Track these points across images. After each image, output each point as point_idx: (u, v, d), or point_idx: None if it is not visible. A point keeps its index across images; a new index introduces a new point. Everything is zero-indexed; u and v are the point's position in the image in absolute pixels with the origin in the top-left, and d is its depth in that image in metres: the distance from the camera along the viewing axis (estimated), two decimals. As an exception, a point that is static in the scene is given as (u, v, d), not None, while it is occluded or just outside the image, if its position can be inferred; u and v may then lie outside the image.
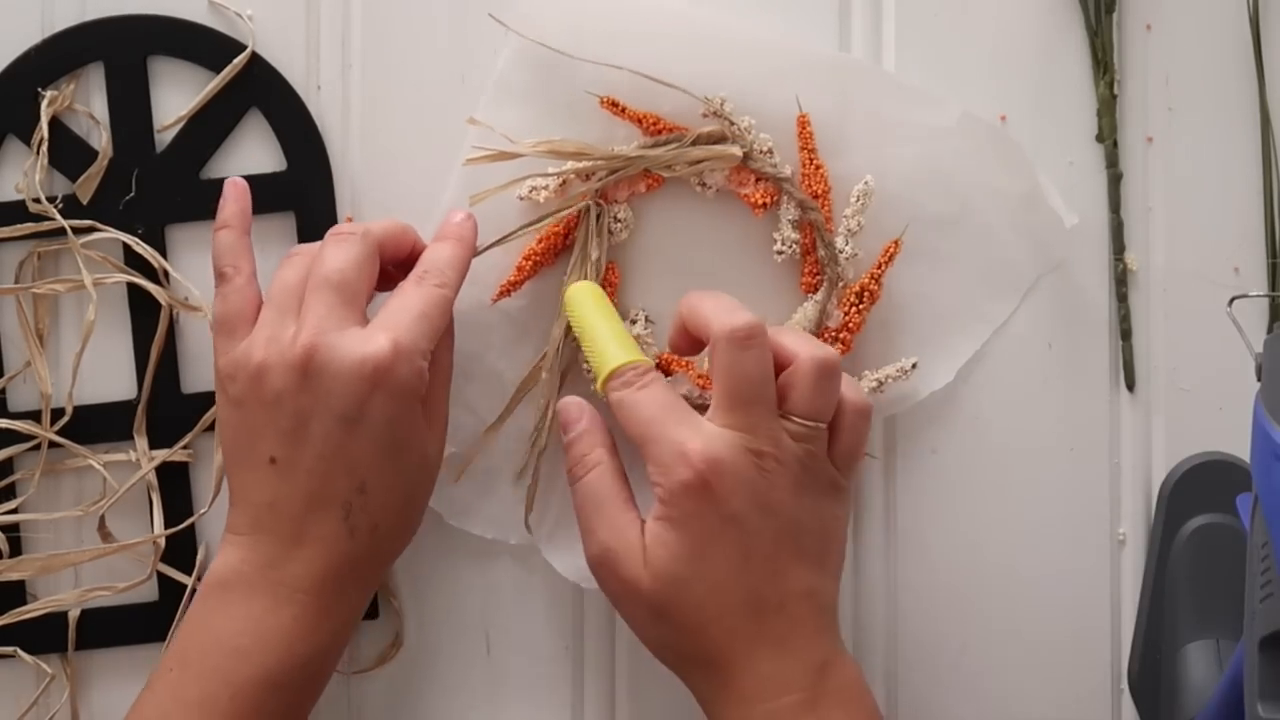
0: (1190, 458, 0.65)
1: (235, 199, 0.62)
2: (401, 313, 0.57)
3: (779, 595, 0.56)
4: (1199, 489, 0.64)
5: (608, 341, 0.59)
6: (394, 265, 0.61)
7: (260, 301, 0.60)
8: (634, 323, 0.64)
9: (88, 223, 0.65)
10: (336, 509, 0.56)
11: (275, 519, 0.57)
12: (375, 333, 0.56)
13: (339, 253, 0.58)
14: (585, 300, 0.61)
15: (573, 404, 0.60)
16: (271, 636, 0.56)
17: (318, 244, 0.60)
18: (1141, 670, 0.65)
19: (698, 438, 0.56)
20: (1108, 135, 0.65)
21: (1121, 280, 0.65)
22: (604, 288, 0.63)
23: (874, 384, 0.63)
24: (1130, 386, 0.66)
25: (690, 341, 0.60)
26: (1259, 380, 0.53)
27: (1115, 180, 0.65)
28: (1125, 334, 0.66)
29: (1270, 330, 0.65)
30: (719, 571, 0.55)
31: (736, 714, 0.56)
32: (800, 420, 0.57)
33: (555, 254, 0.64)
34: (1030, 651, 0.66)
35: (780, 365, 0.57)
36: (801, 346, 0.57)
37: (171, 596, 0.66)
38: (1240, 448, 0.62)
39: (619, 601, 0.58)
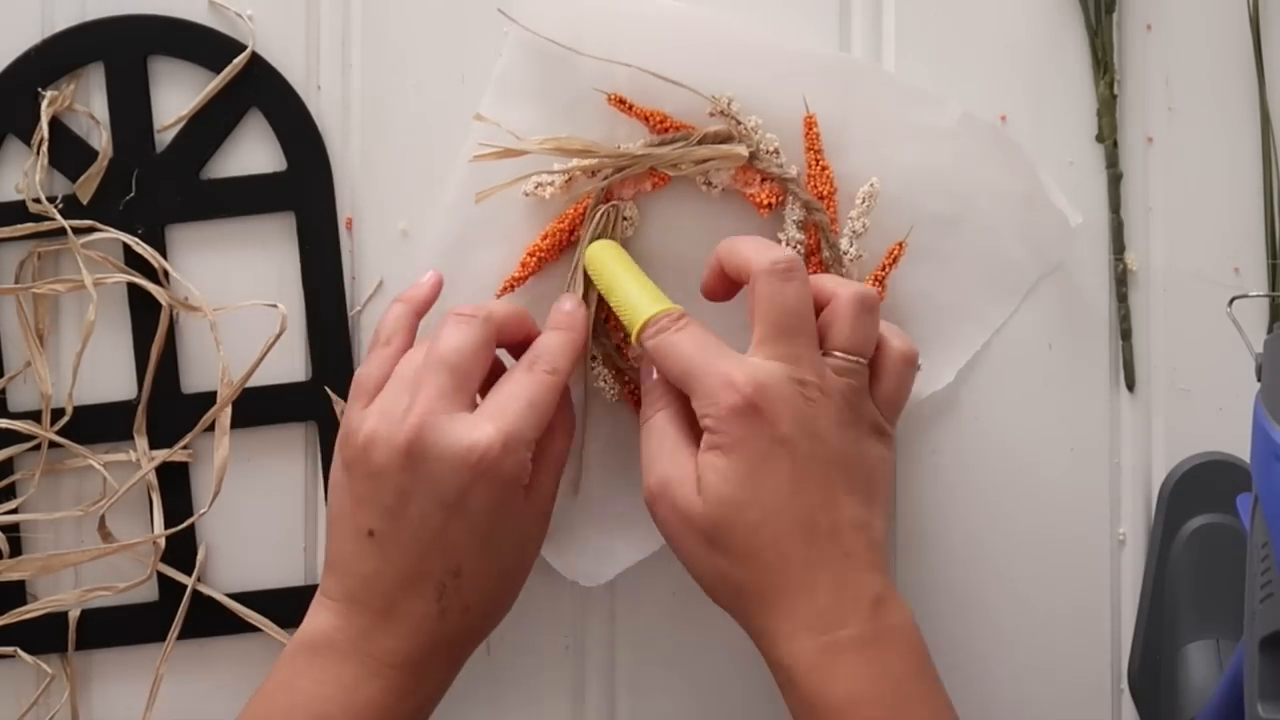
0: (1190, 458, 0.65)
1: (429, 287, 0.62)
2: (510, 401, 0.57)
3: (831, 522, 0.56)
4: (1199, 489, 0.64)
5: (637, 294, 0.60)
6: (510, 349, 0.62)
7: None
8: None
9: (88, 223, 0.65)
10: (430, 589, 0.57)
11: (369, 592, 0.57)
12: (483, 422, 0.56)
13: (457, 335, 0.58)
14: (606, 258, 0.62)
15: (645, 360, 0.61)
16: (358, 707, 0.56)
17: (407, 306, 0.61)
18: (1141, 670, 0.65)
19: (743, 366, 0.56)
20: (1108, 135, 0.65)
21: (1121, 280, 0.65)
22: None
23: None
24: (1130, 386, 0.66)
25: (724, 284, 0.60)
26: (1259, 380, 0.53)
27: (1115, 180, 0.65)
28: (1125, 334, 0.66)
29: (1270, 330, 0.65)
30: (772, 494, 0.55)
31: (794, 647, 0.55)
32: (842, 355, 0.57)
33: (559, 250, 0.64)
34: (1030, 651, 0.66)
35: (819, 306, 0.58)
36: (839, 285, 0.58)
37: (171, 596, 0.66)
38: (1240, 448, 0.62)
39: (674, 534, 0.57)
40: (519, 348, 0.61)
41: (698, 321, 0.59)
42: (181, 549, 0.66)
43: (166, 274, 0.65)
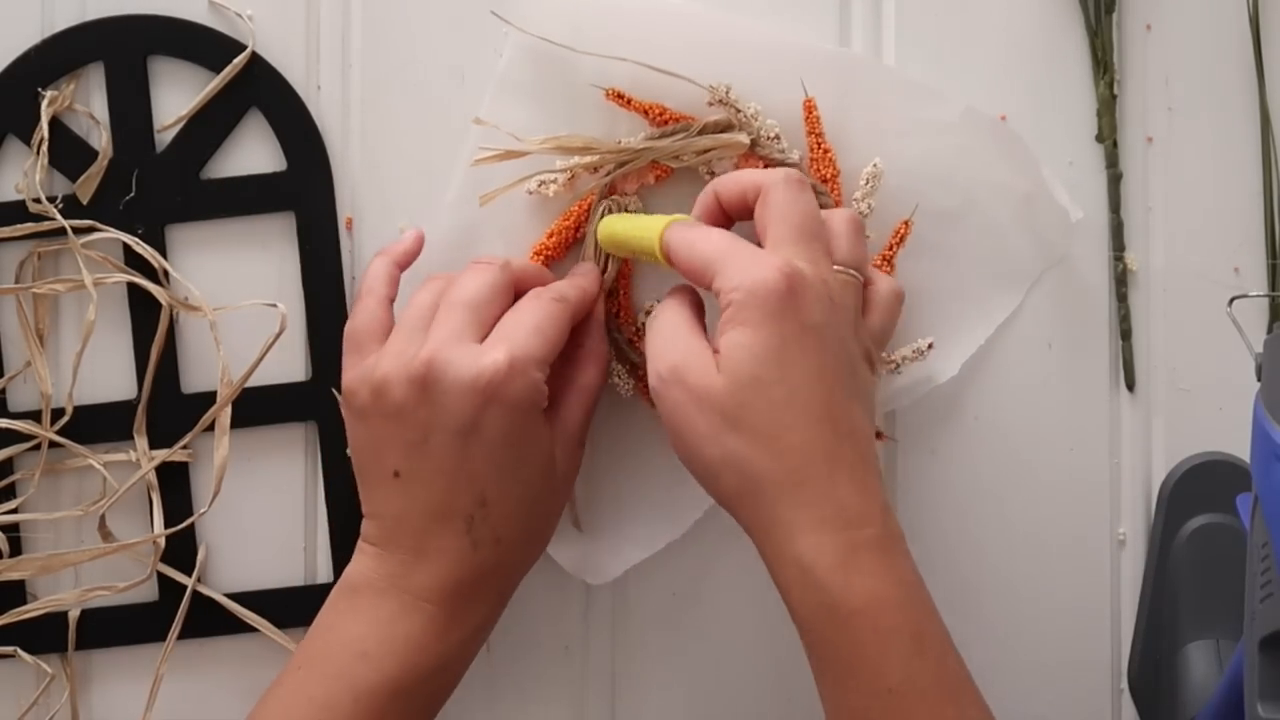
0: (1190, 458, 0.65)
1: (411, 241, 0.63)
2: (515, 326, 0.57)
3: (848, 420, 0.55)
4: (1199, 489, 0.64)
5: (649, 220, 0.60)
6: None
7: (390, 326, 0.60)
8: (648, 313, 0.64)
9: (87, 223, 0.65)
10: (459, 521, 0.57)
11: (401, 531, 0.57)
12: (489, 347, 0.56)
13: (475, 277, 0.59)
14: (614, 224, 0.62)
15: None
16: (397, 643, 0.57)
17: (456, 273, 0.60)
18: (1141, 670, 0.65)
19: (777, 254, 0.55)
20: (1108, 135, 0.65)
21: (1121, 280, 0.65)
22: (617, 279, 0.64)
23: (891, 365, 0.63)
24: (1130, 386, 0.66)
25: (717, 216, 0.59)
26: (1259, 380, 0.53)
27: (1115, 180, 0.65)
28: (1125, 334, 0.66)
29: (1270, 330, 0.65)
30: (799, 376, 0.54)
31: (815, 541, 0.53)
32: (842, 268, 0.57)
33: (566, 248, 0.64)
34: (1030, 651, 0.66)
35: None
36: (829, 211, 0.59)
37: (171, 596, 0.66)
38: (1240, 448, 0.62)
39: (686, 418, 0.55)
40: None
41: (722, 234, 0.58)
42: (181, 549, 0.66)
43: (166, 274, 0.65)
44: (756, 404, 0.54)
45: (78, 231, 0.65)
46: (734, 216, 0.59)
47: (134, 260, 0.66)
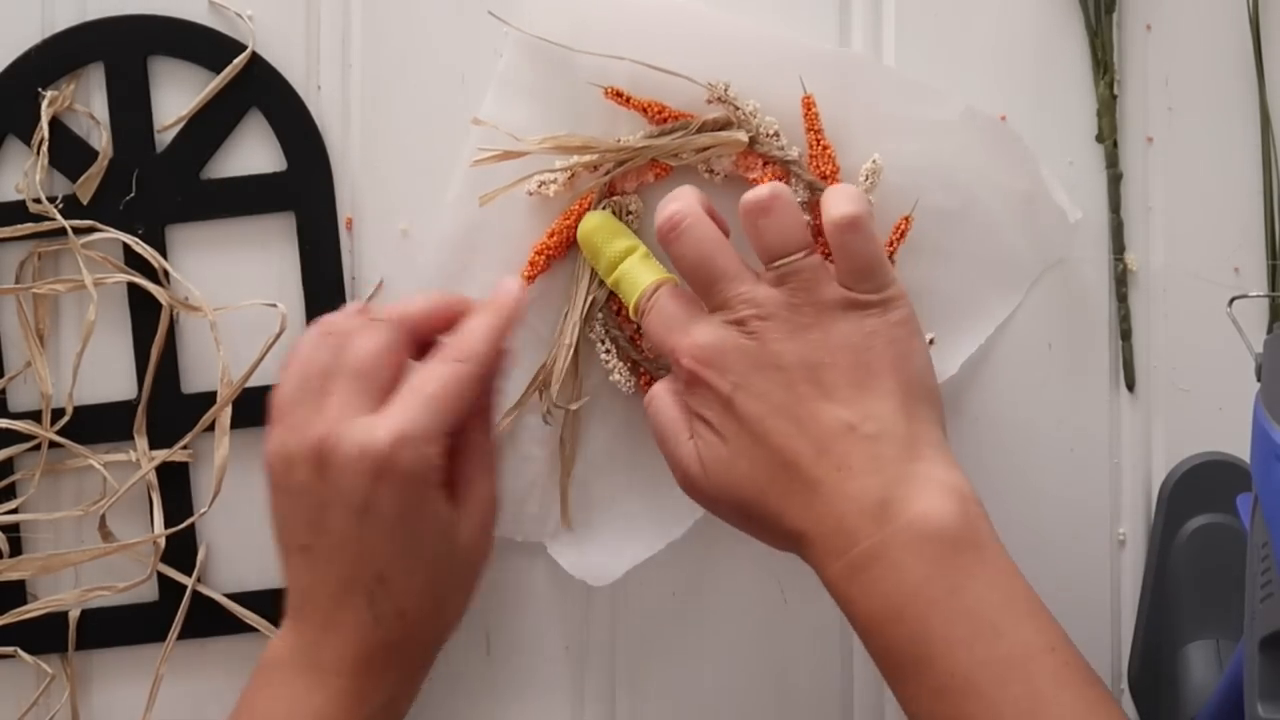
0: (1190, 458, 0.65)
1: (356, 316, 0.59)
2: (408, 396, 0.55)
3: (811, 443, 0.55)
4: (1199, 489, 0.64)
5: (634, 276, 0.61)
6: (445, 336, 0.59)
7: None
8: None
9: (88, 223, 0.65)
10: (361, 597, 0.56)
11: (310, 604, 0.57)
12: (380, 421, 0.54)
13: (365, 341, 0.56)
14: (596, 240, 0.62)
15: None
16: (307, 718, 0.56)
17: (347, 321, 0.57)
18: (1141, 670, 0.65)
19: (685, 336, 0.57)
20: (1108, 135, 0.65)
21: (1121, 280, 0.65)
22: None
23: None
24: (1130, 386, 0.66)
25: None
26: (1259, 380, 0.53)
27: (1115, 180, 0.65)
28: (1125, 334, 0.65)
29: (1270, 330, 0.65)
30: (743, 444, 0.55)
31: (826, 576, 0.55)
32: (770, 265, 0.57)
33: (567, 248, 0.64)
34: (1030, 651, 0.66)
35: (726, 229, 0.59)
36: (744, 200, 0.57)
37: (171, 596, 0.66)
38: (1240, 448, 0.62)
39: (713, 511, 0.58)
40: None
41: (665, 292, 0.59)
42: (181, 549, 0.66)
43: (167, 274, 0.65)
44: (731, 488, 0.56)
45: (78, 232, 0.65)
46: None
47: (134, 260, 0.66)
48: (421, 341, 0.58)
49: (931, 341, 0.64)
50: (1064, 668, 0.53)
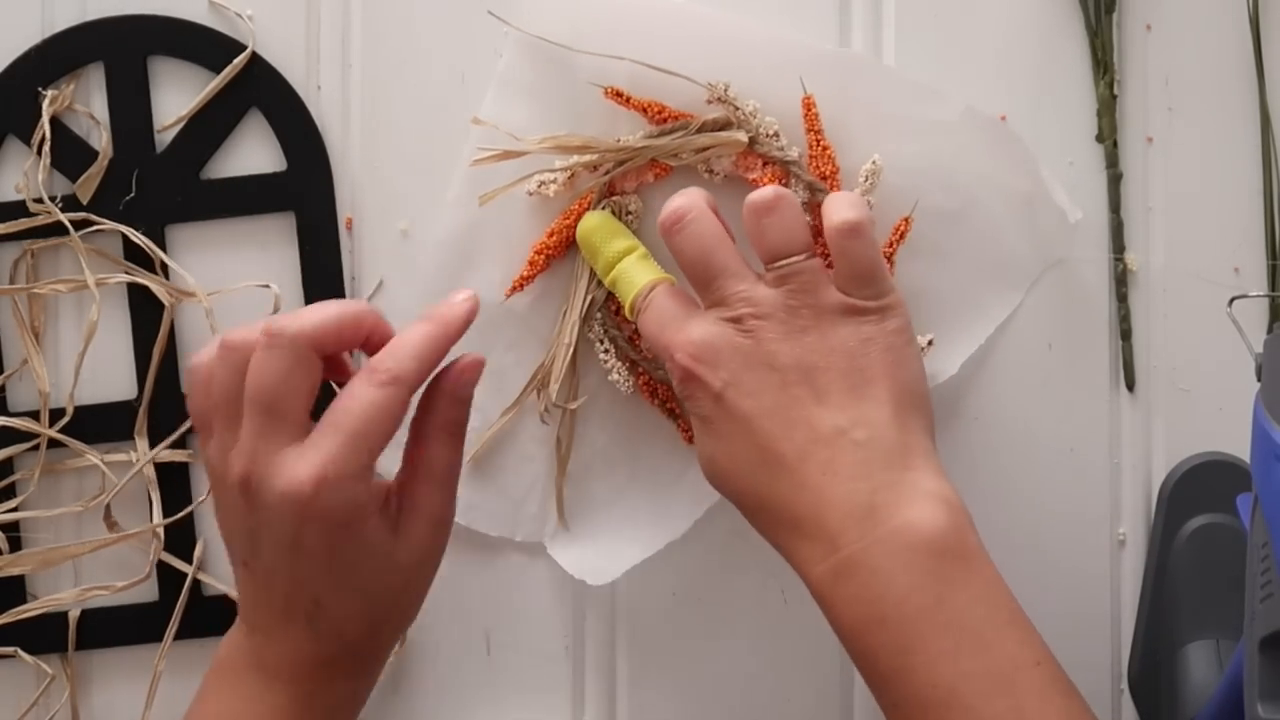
0: (1190, 458, 0.65)
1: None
2: (334, 428, 0.52)
3: (797, 446, 0.55)
4: (1199, 489, 0.64)
5: (631, 276, 0.61)
6: (367, 350, 0.56)
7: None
8: None
9: (83, 215, 0.65)
10: (300, 615, 0.55)
11: (256, 613, 0.56)
12: (302, 459, 0.52)
13: (267, 367, 0.52)
14: (594, 240, 0.62)
15: None
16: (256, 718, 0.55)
17: (247, 336, 0.53)
18: (1141, 670, 0.65)
19: (680, 332, 0.57)
20: (1108, 135, 0.65)
21: (1121, 280, 0.65)
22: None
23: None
24: (1130, 386, 0.66)
25: None
26: (1259, 380, 0.53)
27: (1115, 180, 0.65)
28: (1125, 334, 0.65)
29: (1270, 330, 0.65)
30: (729, 441, 0.56)
31: (810, 578, 0.55)
32: (771, 265, 0.57)
33: (566, 247, 0.64)
34: (1030, 651, 0.66)
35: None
36: (748, 200, 0.57)
37: (170, 596, 0.66)
38: (1240, 448, 0.62)
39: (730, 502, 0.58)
40: (371, 347, 0.55)
41: (661, 290, 0.59)
42: (180, 549, 0.66)
43: (165, 268, 0.65)
44: (719, 481, 0.57)
45: (76, 225, 0.65)
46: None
47: (133, 259, 0.66)
48: (333, 357, 0.55)
49: (930, 343, 0.64)
50: (1049, 683, 0.53)
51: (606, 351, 0.64)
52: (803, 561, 0.55)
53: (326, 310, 0.54)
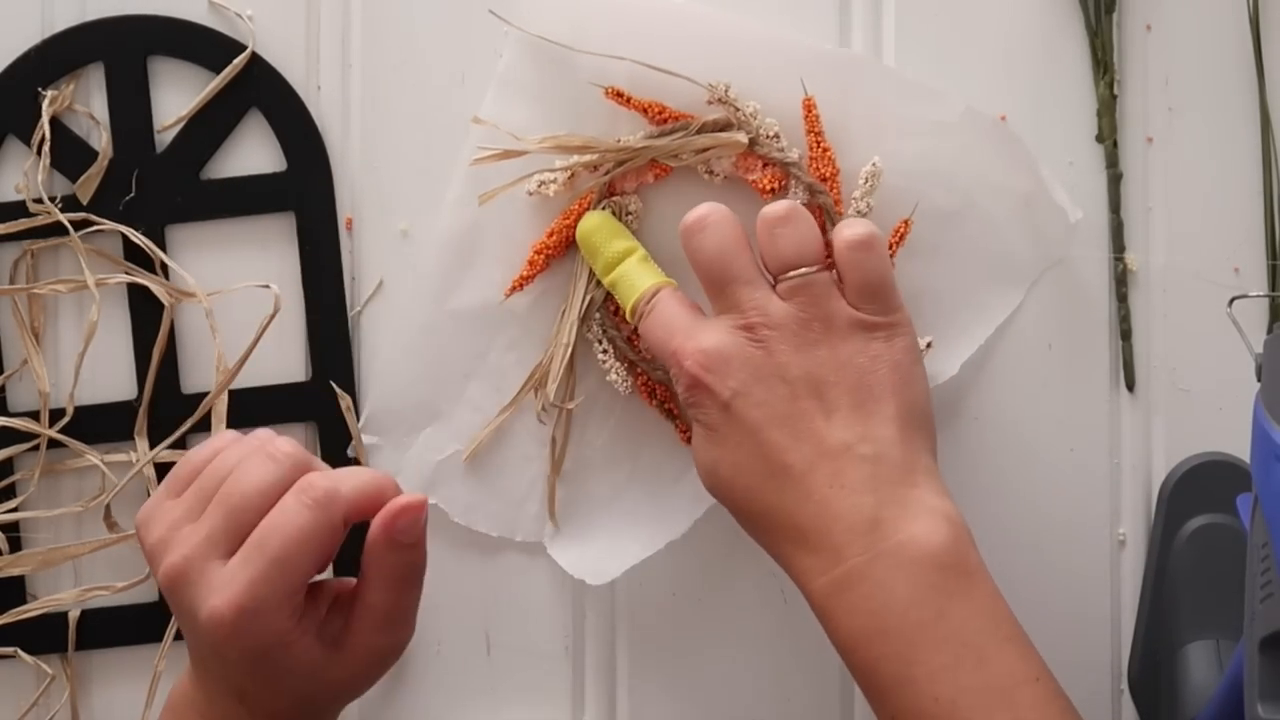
0: (1190, 458, 0.65)
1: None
2: (258, 555, 0.52)
3: (804, 458, 0.55)
4: (1199, 489, 0.64)
5: (631, 279, 0.61)
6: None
7: None
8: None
9: (83, 215, 0.65)
10: (233, 695, 0.55)
11: (198, 672, 0.56)
12: (225, 587, 0.52)
13: (254, 472, 0.53)
14: (595, 241, 0.62)
15: None
16: None
17: (253, 443, 0.55)
18: (1141, 670, 0.65)
19: (689, 340, 0.56)
20: (1108, 135, 0.65)
21: (1121, 280, 0.65)
22: None
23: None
24: (1130, 386, 0.66)
25: None
26: (1259, 380, 0.53)
27: (1115, 180, 0.65)
28: (1125, 334, 0.65)
29: (1270, 330, 0.65)
30: (733, 450, 0.56)
31: (809, 590, 0.55)
32: (782, 277, 0.57)
33: (566, 247, 0.64)
34: (1030, 652, 0.66)
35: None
36: (762, 214, 0.57)
37: (171, 596, 0.66)
38: (1240, 448, 0.62)
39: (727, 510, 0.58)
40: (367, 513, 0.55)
41: (665, 295, 0.59)
42: (181, 549, 0.66)
43: (165, 268, 0.65)
44: (720, 491, 0.57)
45: (76, 225, 0.65)
46: None
47: (133, 260, 0.66)
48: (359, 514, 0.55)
49: (929, 346, 0.63)
50: (1048, 699, 0.53)
51: (605, 352, 0.64)
52: (803, 573, 0.55)
53: (358, 476, 0.54)
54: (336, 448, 0.65)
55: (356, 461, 0.66)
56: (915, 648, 0.52)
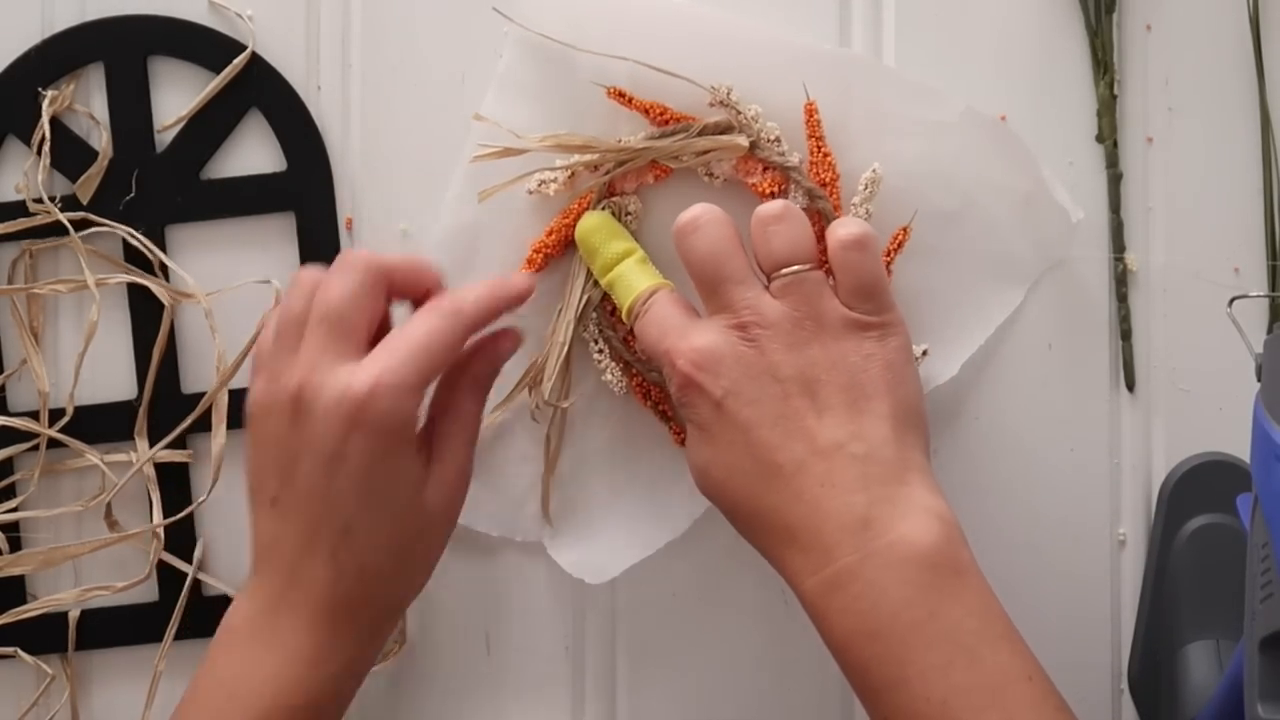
0: (1190, 458, 0.65)
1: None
2: (394, 345, 0.55)
3: (795, 458, 0.55)
4: (1199, 489, 0.64)
5: (628, 280, 0.61)
6: (413, 302, 0.59)
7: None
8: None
9: (82, 215, 0.65)
10: (324, 550, 0.55)
11: (274, 561, 0.56)
12: (359, 368, 0.54)
13: (337, 284, 0.56)
14: (594, 241, 0.62)
15: None
16: (260, 682, 0.55)
17: (323, 271, 0.58)
18: (1141, 670, 0.65)
19: (682, 339, 0.56)
20: (1108, 135, 0.65)
21: (1121, 280, 0.65)
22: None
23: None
24: (1130, 386, 0.66)
25: None
26: (1259, 380, 0.53)
27: (1115, 180, 0.65)
28: (1125, 334, 0.65)
29: (1270, 330, 0.65)
30: (725, 450, 0.55)
31: (800, 591, 0.54)
32: (775, 275, 0.56)
33: (565, 246, 0.64)
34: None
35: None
36: (757, 213, 0.57)
37: (171, 597, 0.66)
38: (1240, 448, 0.62)
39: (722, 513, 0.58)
40: (422, 303, 0.58)
41: (661, 296, 0.59)
42: (181, 549, 0.66)
43: (165, 268, 0.65)
44: (712, 490, 0.57)
45: (76, 225, 0.65)
46: None
47: (132, 260, 0.66)
48: (396, 297, 0.59)
49: (925, 354, 0.63)
50: (1041, 697, 0.53)
51: (601, 352, 0.64)
52: (795, 573, 0.55)
53: (403, 256, 0.59)
54: (336, 448, 0.65)
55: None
56: (907, 648, 0.52)
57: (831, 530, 0.54)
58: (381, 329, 0.58)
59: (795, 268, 0.56)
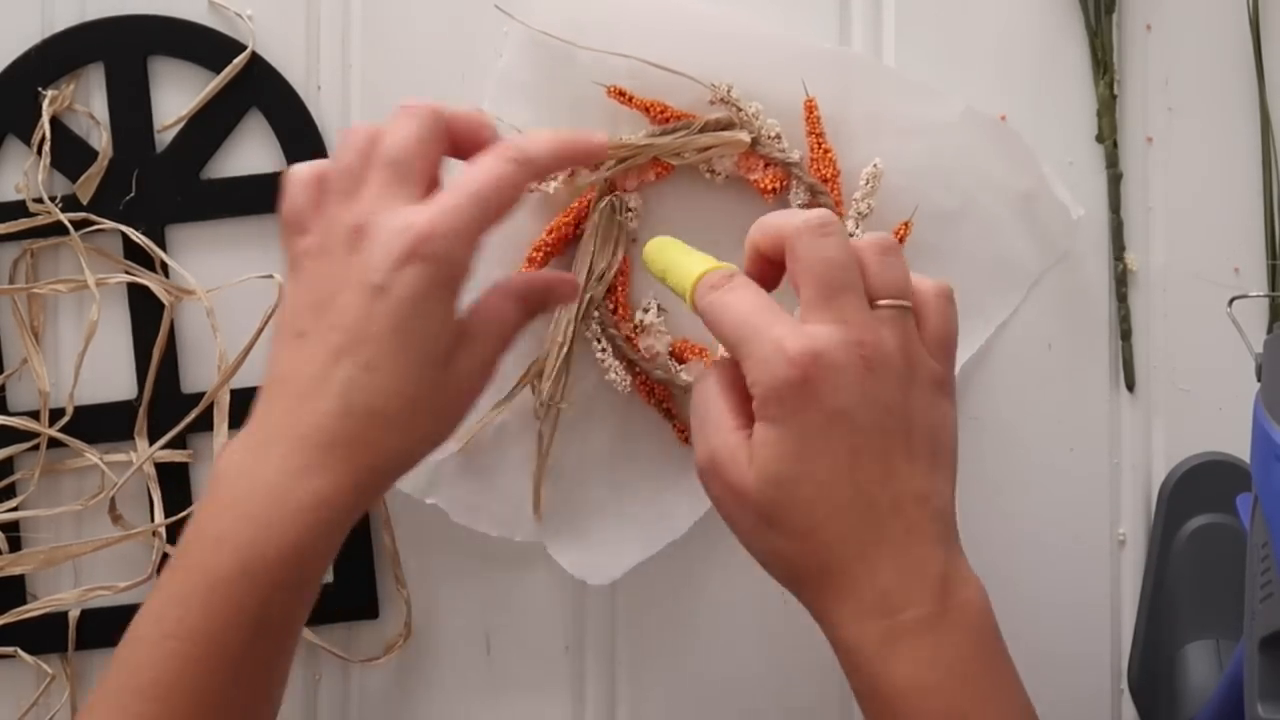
0: (1190, 458, 0.65)
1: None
2: (456, 189, 0.54)
3: (892, 497, 0.52)
4: (1199, 489, 0.64)
5: (689, 261, 0.56)
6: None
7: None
8: (646, 311, 0.64)
9: (83, 215, 0.65)
10: (338, 382, 0.53)
11: (282, 392, 0.54)
12: (421, 208, 0.53)
13: (400, 129, 0.55)
14: (660, 251, 0.58)
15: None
16: (245, 525, 0.53)
17: (371, 125, 0.56)
18: (1141, 670, 0.65)
19: (797, 333, 0.52)
20: (1108, 135, 0.65)
21: (1121, 280, 0.65)
22: (616, 276, 0.64)
23: None
24: (1130, 386, 0.66)
25: (765, 268, 0.56)
26: (1259, 380, 0.53)
27: (1115, 180, 0.65)
28: (1125, 334, 0.66)
29: (1270, 330, 0.65)
30: (826, 469, 0.52)
31: (855, 631, 0.52)
32: (884, 302, 0.54)
33: (565, 244, 0.64)
34: (1030, 652, 0.65)
35: None
36: (859, 239, 0.54)
37: (171, 596, 0.66)
38: (1240, 448, 0.62)
39: (728, 512, 0.54)
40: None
41: (750, 282, 0.55)
42: (181, 549, 0.66)
43: (165, 266, 0.65)
44: (787, 503, 0.52)
45: (76, 225, 0.65)
46: (778, 264, 0.56)
47: (133, 260, 0.66)
48: (451, 149, 0.57)
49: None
50: None
51: (604, 351, 0.64)
52: (853, 611, 0.53)
53: (466, 108, 0.56)
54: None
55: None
56: (982, 699, 0.53)
57: (910, 579, 0.52)
58: (434, 185, 0.56)
59: (901, 302, 0.54)
